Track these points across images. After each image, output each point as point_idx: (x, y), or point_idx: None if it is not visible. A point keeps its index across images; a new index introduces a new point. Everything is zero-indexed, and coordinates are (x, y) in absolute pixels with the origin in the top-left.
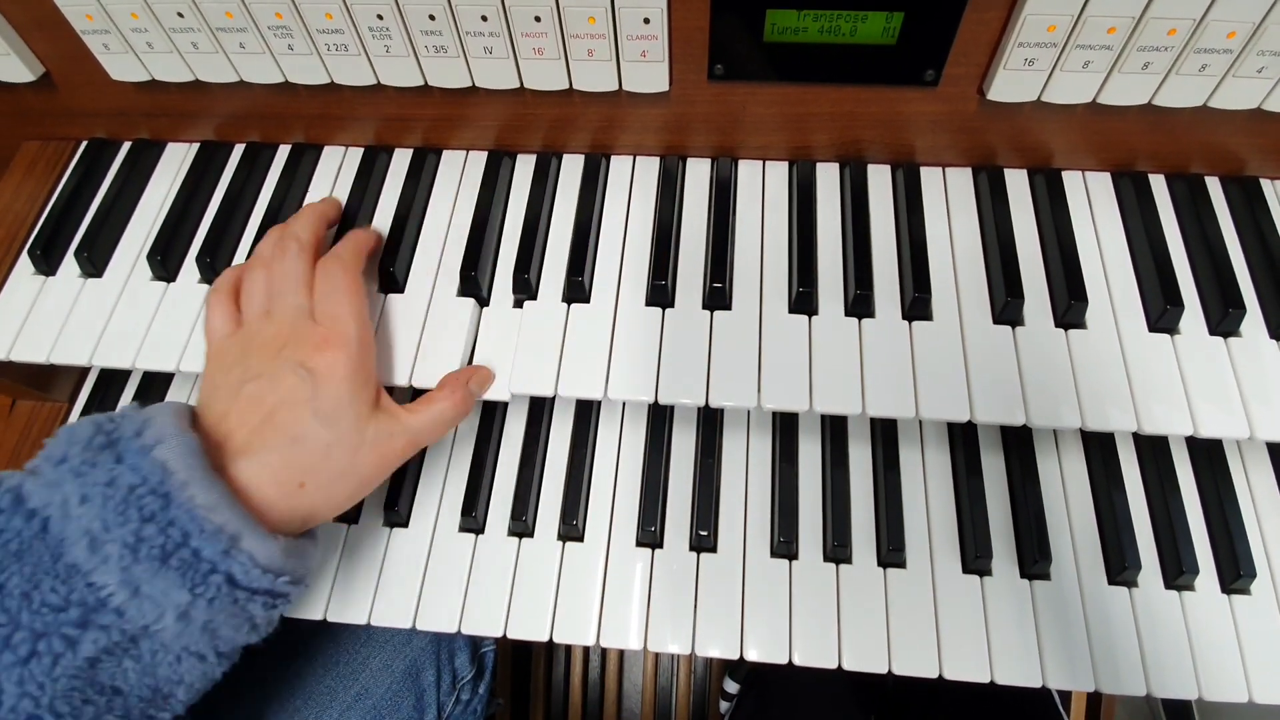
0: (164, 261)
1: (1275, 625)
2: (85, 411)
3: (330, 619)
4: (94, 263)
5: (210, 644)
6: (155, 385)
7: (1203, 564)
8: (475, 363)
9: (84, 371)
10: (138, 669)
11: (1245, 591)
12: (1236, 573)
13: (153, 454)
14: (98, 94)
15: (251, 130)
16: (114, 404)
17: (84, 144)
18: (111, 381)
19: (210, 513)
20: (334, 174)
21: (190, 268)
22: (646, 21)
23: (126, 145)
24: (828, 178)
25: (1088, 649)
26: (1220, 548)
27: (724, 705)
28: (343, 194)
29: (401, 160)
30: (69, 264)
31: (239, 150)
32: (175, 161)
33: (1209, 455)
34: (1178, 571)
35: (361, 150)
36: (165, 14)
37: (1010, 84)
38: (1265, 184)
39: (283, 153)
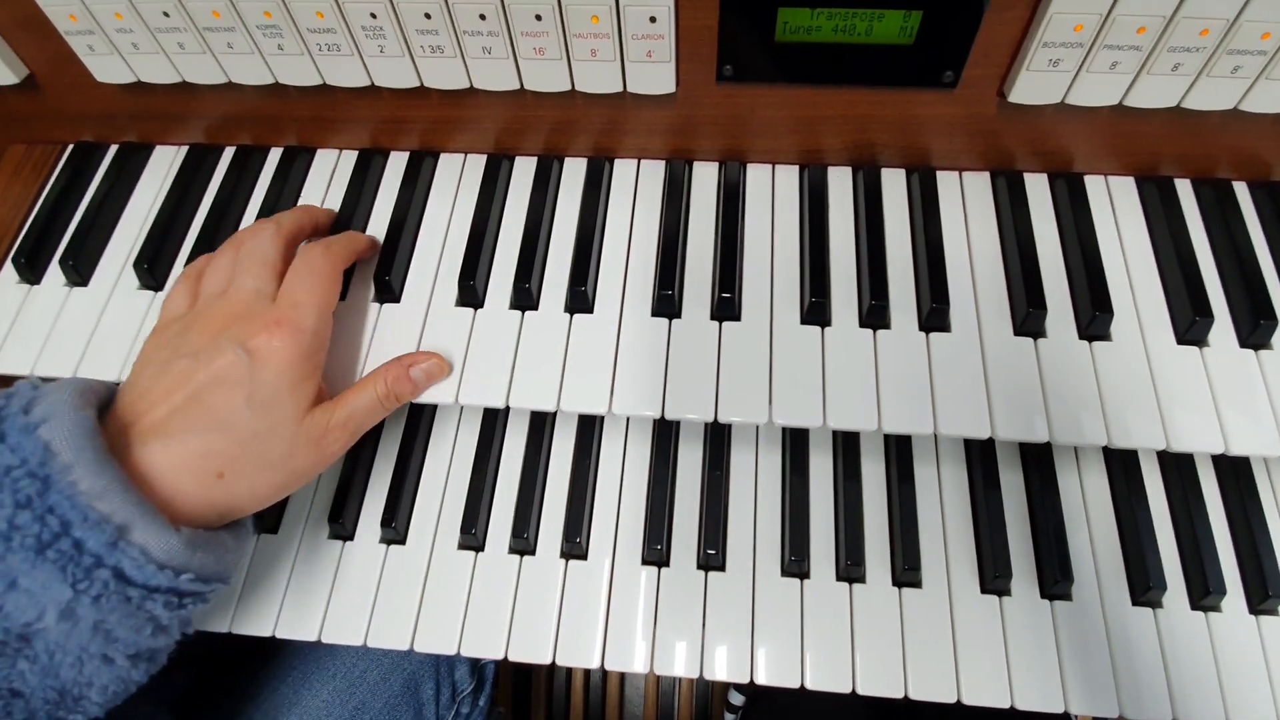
0: (151, 269)
1: None
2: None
3: (325, 640)
4: (79, 271)
5: (109, 646)
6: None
7: (1230, 584)
8: (468, 373)
9: None
10: (35, 670)
11: (1274, 613)
12: (1265, 593)
13: (36, 433)
14: (83, 96)
15: (242, 133)
16: None
17: (70, 147)
18: None
19: (96, 500)
20: (327, 178)
21: (178, 275)
22: (653, 20)
23: (113, 148)
24: (840, 182)
25: (1111, 672)
26: (1248, 567)
27: (729, 717)
28: (336, 198)
29: (397, 164)
30: (54, 272)
31: (229, 153)
32: (163, 165)
33: (1235, 471)
34: (1204, 592)
35: (356, 153)
36: (150, 13)
37: (1033, 86)
38: None
39: (274, 156)
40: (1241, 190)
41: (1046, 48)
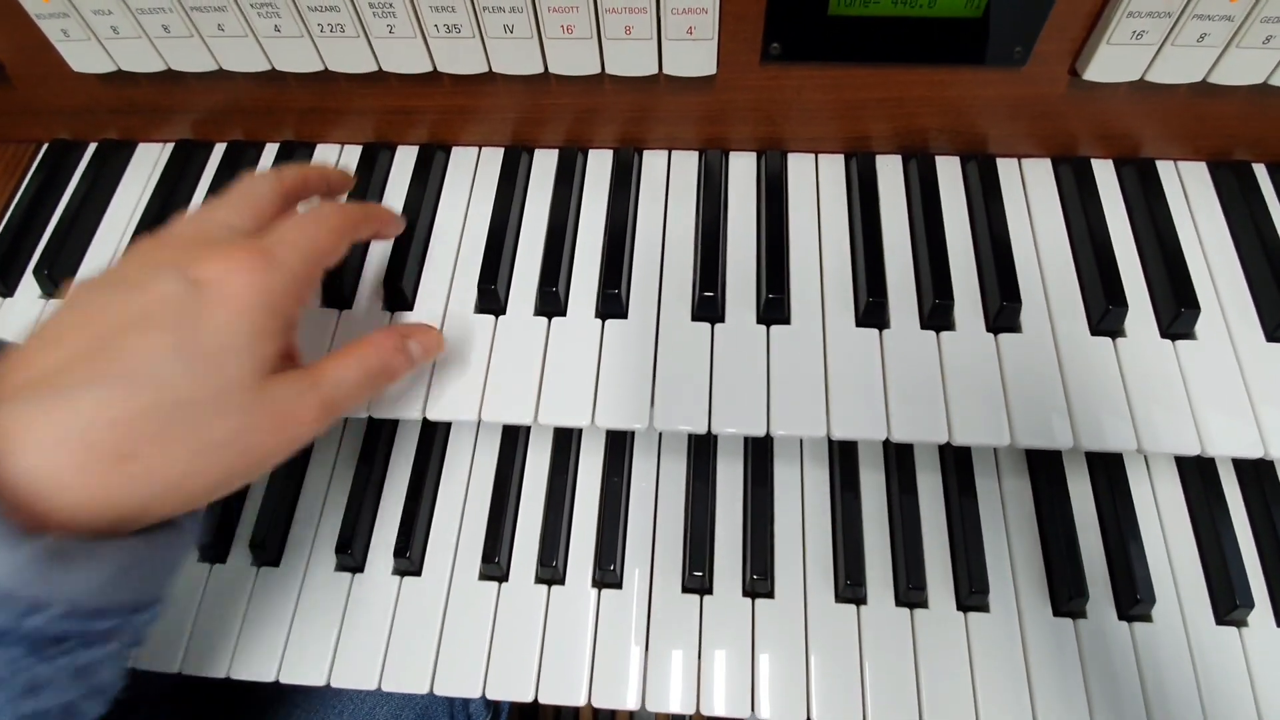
0: None
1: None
2: None
3: (334, 684)
4: (55, 281)
5: None
6: None
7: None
8: (491, 386)
9: None
10: None
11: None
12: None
13: None
14: (59, 89)
15: (233, 127)
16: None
17: (44, 146)
18: None
19: None
20: None
21: None
22: None
23: (92, 147)
24: (890, 172)
25: (1198, 698)
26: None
27: None
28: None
29: (406, 158)
30: (28, 284)
31: (219, 150)
32: (147, 164)
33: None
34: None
35: (360, 148)
36: None
37: (1111, 61)
38: None
39: (270, 152)
40: None
41: (1131, 18)
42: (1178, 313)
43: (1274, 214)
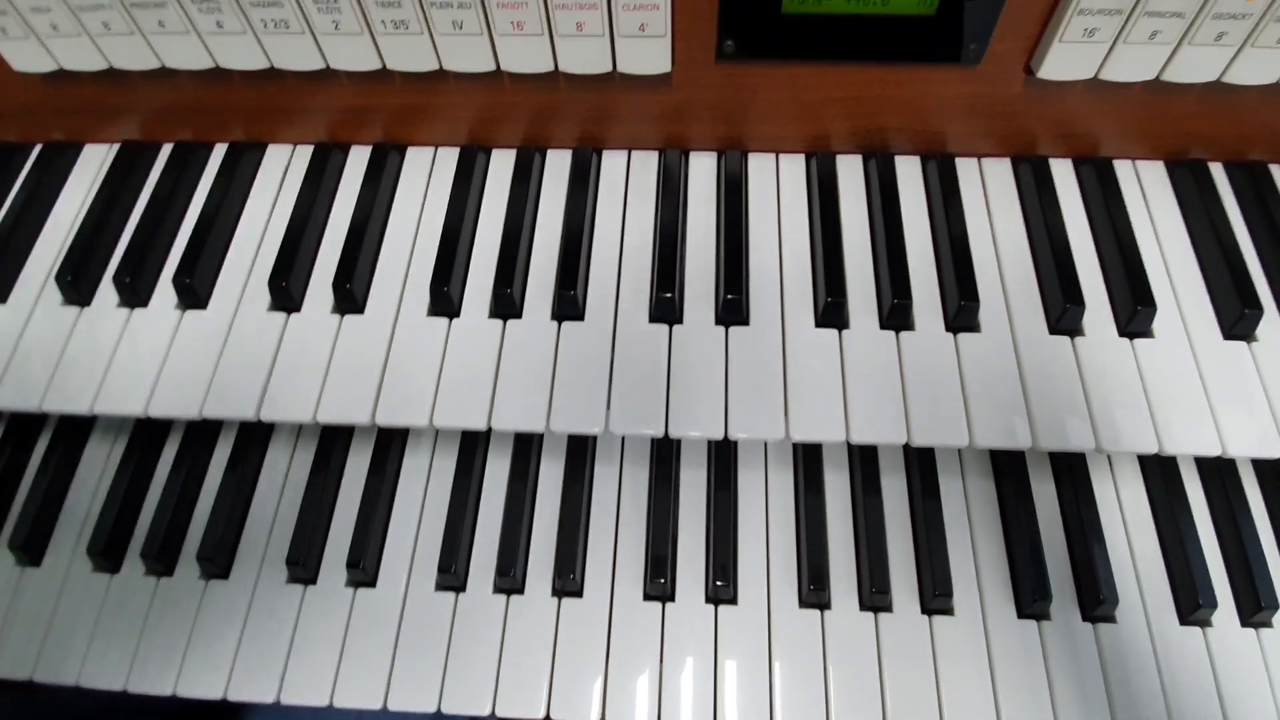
0: (75, 283)
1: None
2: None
3: (284, 701)
4: None
5: None
6: (70, 428)
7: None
8: (445, 390)
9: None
10: None
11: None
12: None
13: None
14: (2, 91)
15: (181, 128)
16: (27, 452)
17: None
18: (25, 427)
19: None
20: (279, 176)
21: (108, 289)
22: None
23: (36, 149)
24: (850, 172)
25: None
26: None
27: None
28: (290, 198)
29: (359, 159)
30: None
31: (167, 150)
32: (92, 165)
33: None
34: (1256, 608)
35: (311, 148)
36: None
37: (1065, 59)
38: None
39: (218, 152)
40: (1278, 173)
41: (1083, 15)
42: (1135, 311)
43: (1230, 212)
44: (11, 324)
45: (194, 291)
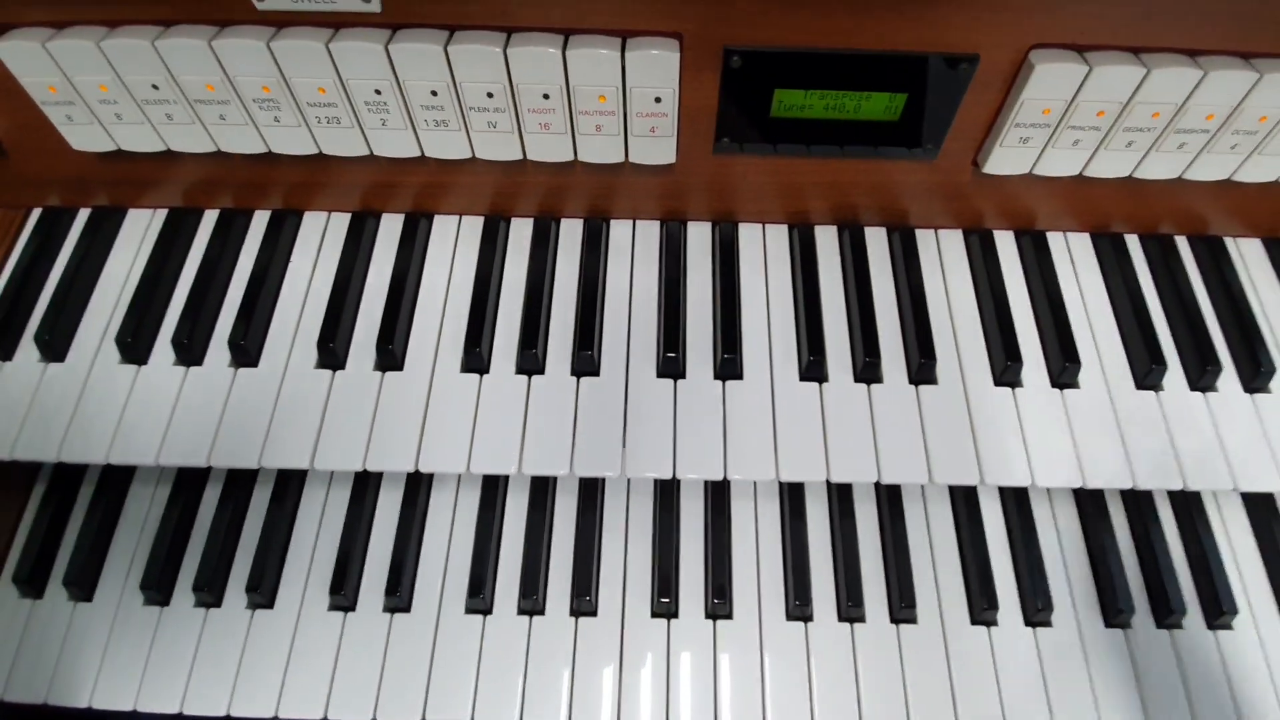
0: (134, 342)
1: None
2: (40, 510)
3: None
4: (54, 347)
5: None
6: (115, 478)
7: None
8: (480, 439)
9: (38, 466)
10: None
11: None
12: (1220, 609)
13: None
14: (53, 162)
15: (223, 196)
16: (72, 500)
17: (38, 212)
18: (71, 475)
19: None
20: (318, 240)
21: (164, 348)
22: (658, 100)
23: (84, 213)
24: (827, 241)
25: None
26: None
27: None
28: (330, 261)
29: (391, 225)
30: (27, 347)
31: (210, 216)
32: (138, 229)
33: (1189, 505)
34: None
35: (348, 216)
36: (138, 86)
37: (1005, 159)
38: (1229, 241)
39: (260, 219)
40: (1182, 243)
41: (1018, 128)
42: (1064, 366)
43: (1141, 277)
44: (70, 381)
45: (246, 351)
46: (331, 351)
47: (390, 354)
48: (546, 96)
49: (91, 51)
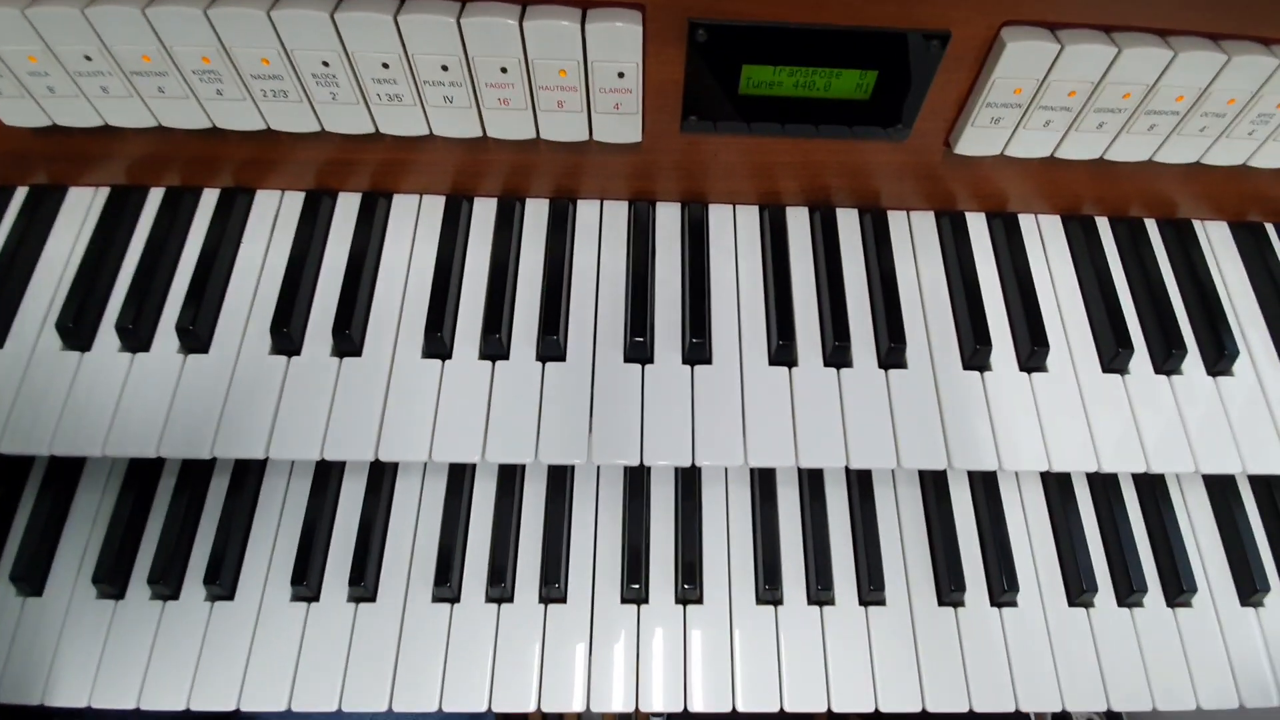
0: (76, 329)
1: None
2: None
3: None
4: None
5: None
6: (64, 467)
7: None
8: (442, 427)
9: None
10: None
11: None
12: (1180, 587)
13: None
14: None
15: (169, 174)
16: (18, 492)
17: None
18: (16, 465)
19: None
20: (270, 220)
21: (108, 334)
22: (621, 75)
23: (21, 191)
24: (798, 222)
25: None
26: (1163, 566)
27: None
28: (283, 242)
29: (348, 205)
30: None
31: (156, 195)
32: (80, 209)
33: (1153, 486)
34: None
35: (301, 195)
36: (70, 56)
37: (976, 140)
38: (1196, 224)
39: (209, 197)
40: (1151, 226)
41: (989, 107)
42: (1032, 350)
43: (1110, 259)
44: (11, 369)
45: (196, 336)
46: (286, 336)
47: (348, 339)
48: (504, 70)
49: (16, 19)
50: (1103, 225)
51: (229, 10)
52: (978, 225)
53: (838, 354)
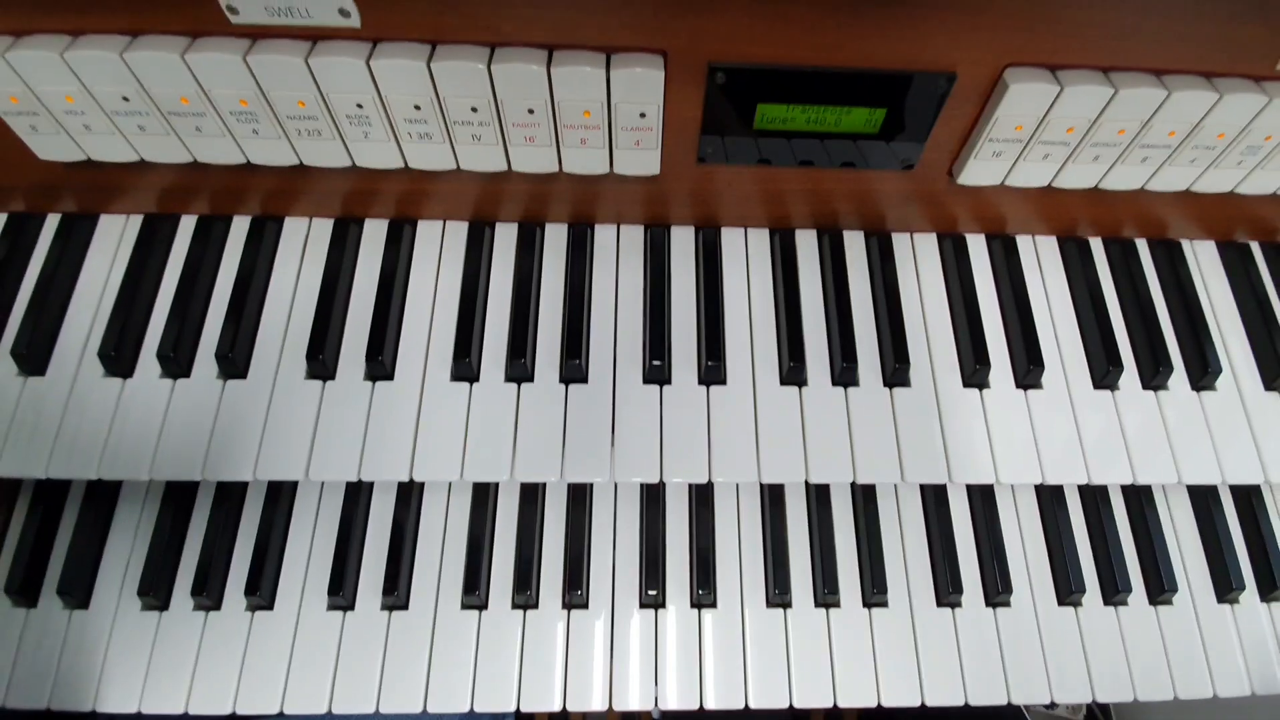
0: (118, 358)
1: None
2: (28, 520)
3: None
4: (33, 360)
5: None
6: (104, 486)
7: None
8: (471, 448)
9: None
10: None
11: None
12: (1162, 587)
13: None
14: (17, 170)
15: (199, 203)
16: (60, 509)
17: (2, 219)
18: (58, 484)
19: None
20: (300, 247)
21: (149, 361)
22: (643, 115)
23: (53, 219)
24: (807, 245)
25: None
26: (1147, 568)
27: None
28: (314, 266)
29: (374, 231)
30: (4, 360)
31: (188, 223)
32: (112, 236)
33: (1138, 494)
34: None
35: (330, 221)
36: (107, 97)
37: (978, 171)
38: (1185, 244)
39: (240, 224)
40: (1142, 246)
41: (991, 142)
42: (1029, 368)
43: (1102, 278)
44: (53, 397)
45: (234, 362)
46: (321, 363)
47: (380, 365)
48: (531, 111)
49: (54, 62)
50: (1096, 246)
51: (267, 58)
52: (977, 246)
53: (845, 374)
